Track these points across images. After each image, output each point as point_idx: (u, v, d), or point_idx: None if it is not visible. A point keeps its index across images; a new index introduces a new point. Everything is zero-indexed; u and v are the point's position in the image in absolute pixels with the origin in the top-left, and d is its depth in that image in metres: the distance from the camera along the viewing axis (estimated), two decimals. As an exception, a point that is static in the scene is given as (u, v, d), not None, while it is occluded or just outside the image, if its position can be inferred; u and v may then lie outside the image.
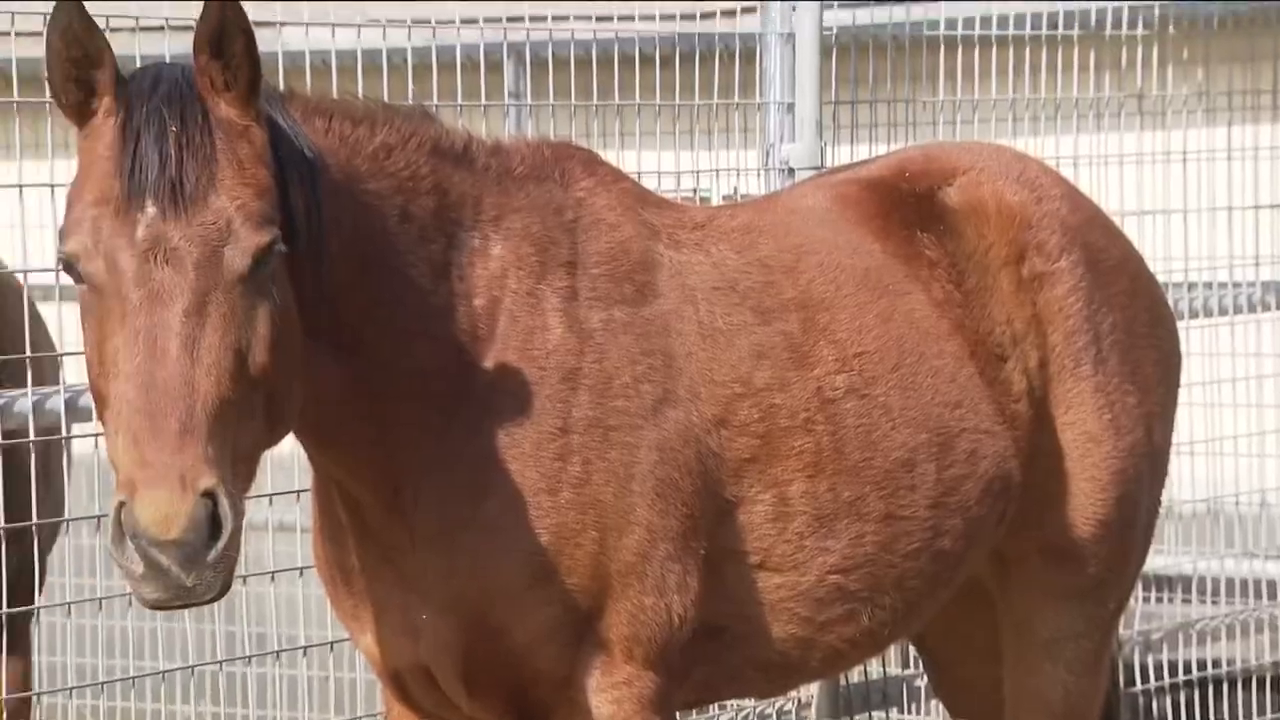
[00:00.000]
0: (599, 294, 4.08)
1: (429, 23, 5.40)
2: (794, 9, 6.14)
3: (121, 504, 3.27)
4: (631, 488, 4.00)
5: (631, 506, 4.00)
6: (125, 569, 3.29)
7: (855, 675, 6.34)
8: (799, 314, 4.35)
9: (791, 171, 6.08)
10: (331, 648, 5.48)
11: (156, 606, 3.33)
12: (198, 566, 3.27)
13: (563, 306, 4.03)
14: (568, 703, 4.02)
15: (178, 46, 4.55)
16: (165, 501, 3.24)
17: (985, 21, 6.64)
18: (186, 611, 4.73)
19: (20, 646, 4.76)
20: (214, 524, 3.28)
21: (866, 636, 4.43)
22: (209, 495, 3.28)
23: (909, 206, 4.67)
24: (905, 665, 6.68)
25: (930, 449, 4.42)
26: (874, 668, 6.47)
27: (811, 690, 6.14)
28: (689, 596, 4.07)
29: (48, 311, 5.08)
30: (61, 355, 4.94)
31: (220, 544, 3.28)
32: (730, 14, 6.34)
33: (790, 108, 6.13)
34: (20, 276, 4.92)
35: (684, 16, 5.97)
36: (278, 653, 5.61)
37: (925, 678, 6.04)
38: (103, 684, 5.19)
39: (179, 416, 3.29)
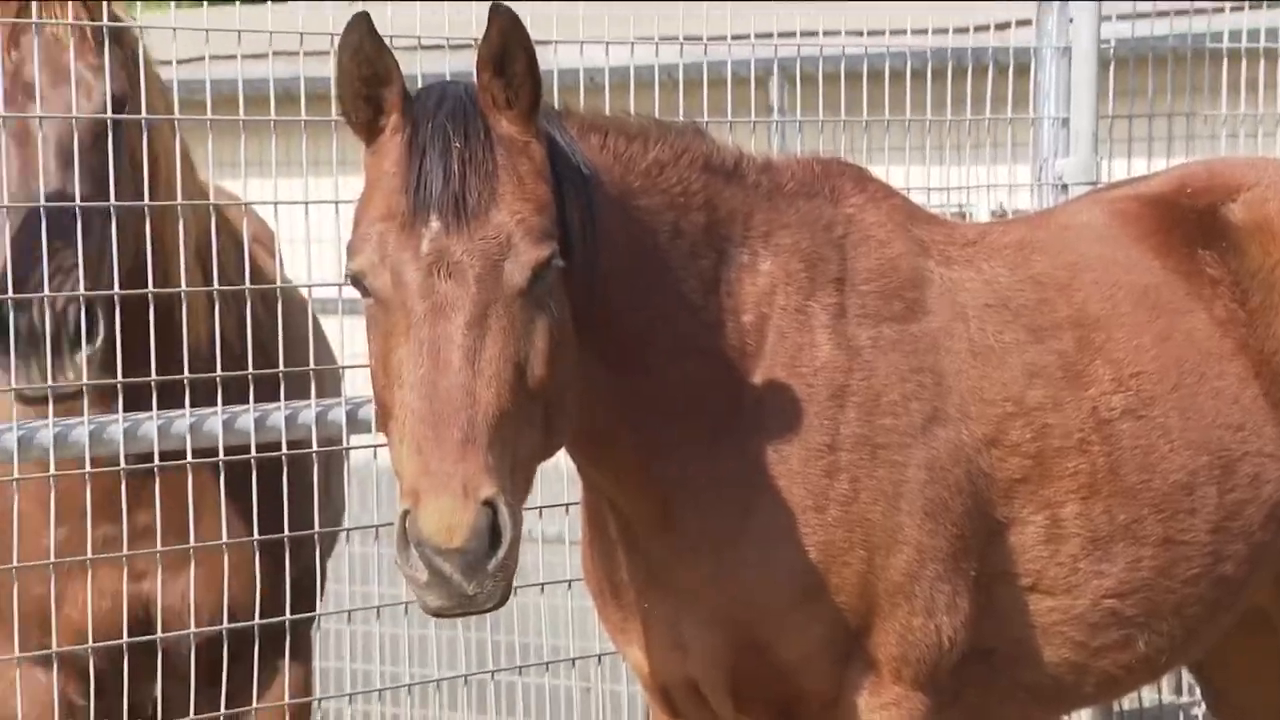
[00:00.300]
0: (868, 311, 4.06)
1: (700, 39, 5.42)
2: (1071, 22, 6.03)
3: (406, 513, 3.33)
4: (900, 506, 3.97)
5: (900, 525, 3.97)
6: (410, 576, 3.34)
7: (1128, 702, 6.21)
8: (1074, 332, 4.28)
9: (1065, 187, 5.98)
10: (600, 660, 5.51)
11: (440, 614, 3.38)
12: (479, 575, 3.31)
13: (831, 323, 4.02)
14: (835, 721, 4.01)
15: (458, 64, 4.63)
16: (448, 510, 3.29)
17: (1271, 33, 6.46)
18: (460, 620, 4.81)
19: (302, 652, 4.86)
20: (494, 533, 3.32)
21: (1143, 663, 4.35)
22: (489, 504, 3.32)
23: (1190, 223, 4.57)
24: (1179, 692, 6.53)
25: (1211, 472, 4.32)
26: (1147, 694, 6.33)
27: (1084, 716, 6.03)
28: (958, 618, 4.03)
29: (331, 325, 5.19)
30: (343, 368, 5.04)
31: (500, 553, 3.32)
32: (1003, 27, 6.26)
33: (1065, 122, 6.03)
34: (305, 291, 5.03)
35: (957, 30, 5.91)
36: (547, 664, 5.66)
37: (1202, 705, 5.90)
38: (380, 690, 5.28)
39: (461, 426, 3.34)
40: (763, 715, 4.07)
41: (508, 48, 3.51)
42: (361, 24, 3.48)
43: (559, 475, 4.95)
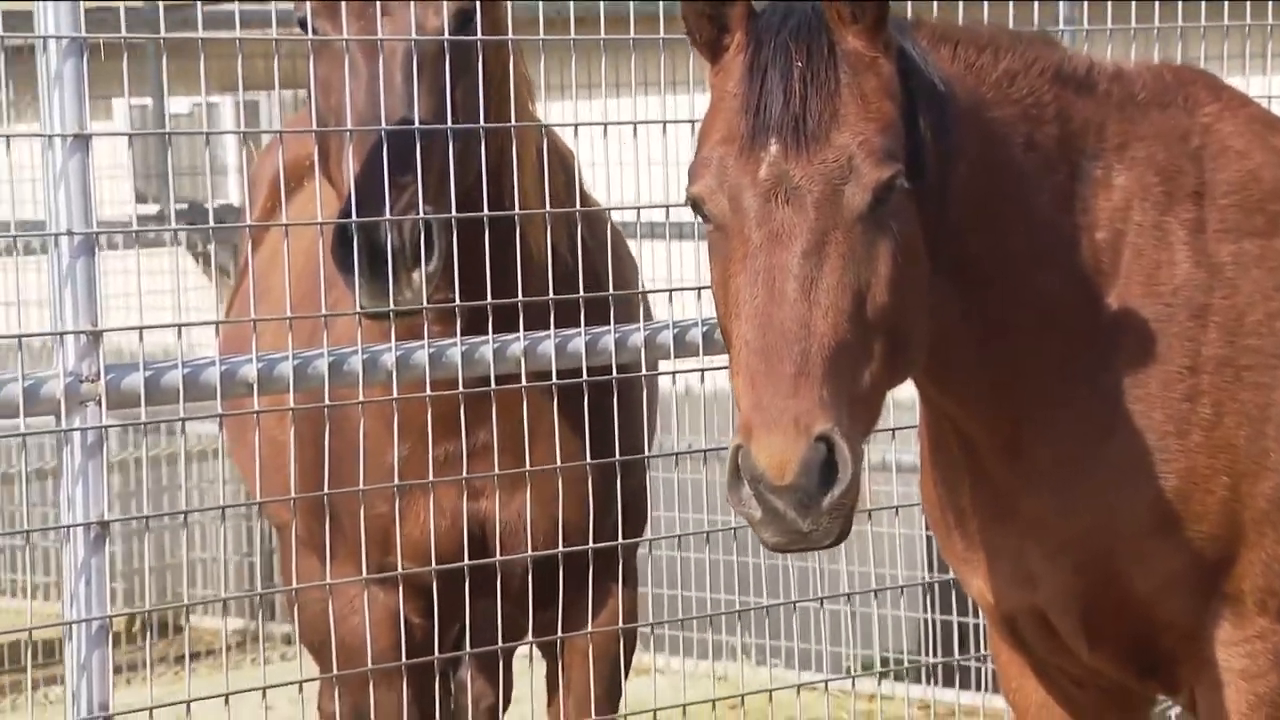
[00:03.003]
0: (1228, 226, 3.90)
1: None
2: None
3: (739, 447, 3.27)
4: (1266, 431, 3.82)
5: (1266, 451, 3.82)
6: (743, 512, 3.29)
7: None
8: None
9: None
10: (932, 588, 5.42)
11: (776, 549, 3.32)
12: (813, 512, 3.24)
13: (1190, 239, 3.88)
14: (1195, 656, 3.88)
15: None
16: (779, 447, 3.22)
17: None
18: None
19: (630, 578, 4.86)
20: (829, 469, 3.24)
21: None
22: (824, 440, 3.24)
23: None
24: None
25: None
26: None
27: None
28: (1332, 547, 3.86)
29: (659, 249, 5.16)
30: (670, 291, 5.01)
31: (837, 490, 3.24)
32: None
33: None
34: (632, 215, 5.03)
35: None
36: (874, 591, 5.59)
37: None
38: (710, 616, 5.26)
39: (795, 359, 3.27)
40: (1117, 648, 3.95)
41: None
42: None
43: (887, 400, 4.85)
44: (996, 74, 3.79)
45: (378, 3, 4.19)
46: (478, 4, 4.32)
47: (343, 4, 4.18)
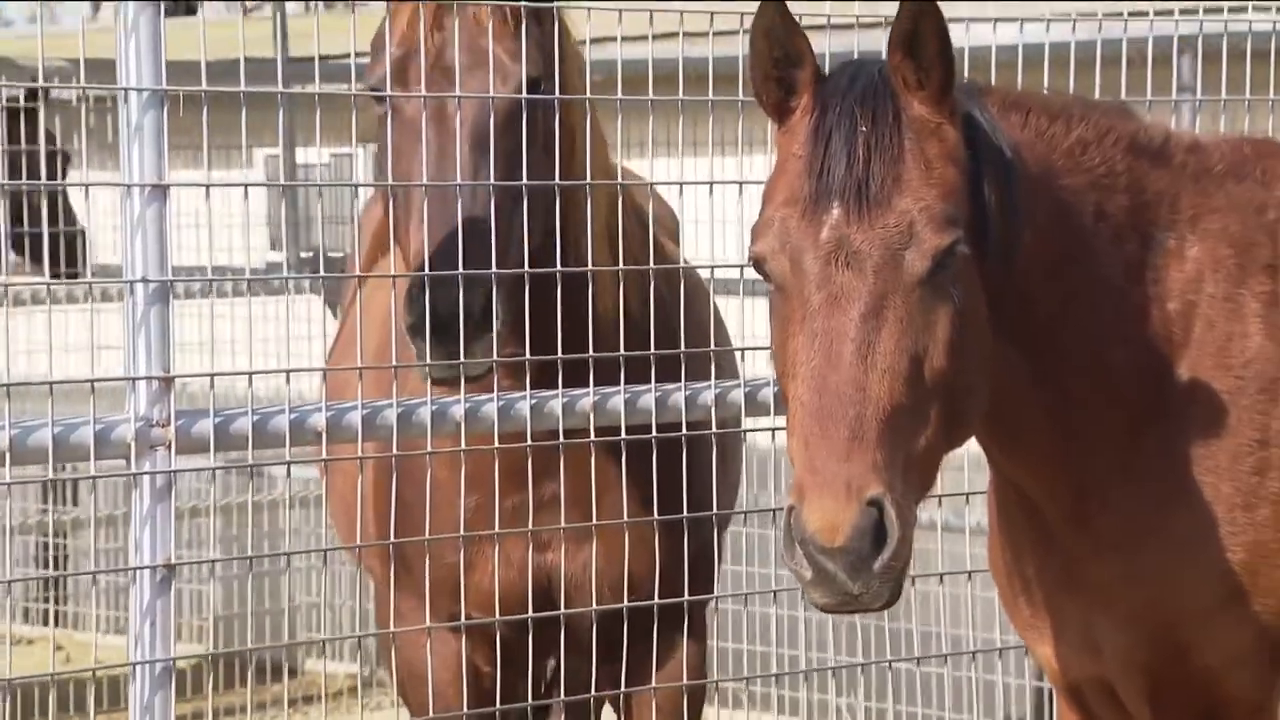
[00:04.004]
0: None
1: (1094, 16, 5.24)
2: None
3: (792, 509, 3.28)
4: None
5: None
6: (796, 573, 3.30)
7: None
8: None
9: None
10: (1000, 654, 5.38)
11: (825, 610, 3.34)
12: (864, 575, 3.25)
13: (1263, 313, 3.86)
14: (1260, 730, 3.84)
15: (867, 44, 4.55)
16: (831, 510, 3.24)
17: None
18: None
19: (697, 631, 4.87)
20: (880, 533, 3.25)
21: None
22: (875, 504, 3.25)
23: None
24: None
25: None
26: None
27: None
28: (1396, 623, 3.81)
29: (733, 306, 5.17)
30: (742, 349, 5.02)
31: (886, 553, 3.25)
32: None
33: None
34: (706, 272, 5.04)
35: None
36: (947, 655, 5.56)
37: None
38: (777, 675, 5.24)
39: (849, 423, 3.28)
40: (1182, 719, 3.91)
41: (919, 31, 3.43)
42: (774, 5, 3.43)
43: (961, 463, 4.84)
44: (1069, 142, 3.79)
45: (453, 69, 4.23)
46: (546, 69, 4.35)
47: (421, 70, 4.22)
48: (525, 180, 4.29)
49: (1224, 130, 5.04)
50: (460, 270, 4.09)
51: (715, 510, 4.82)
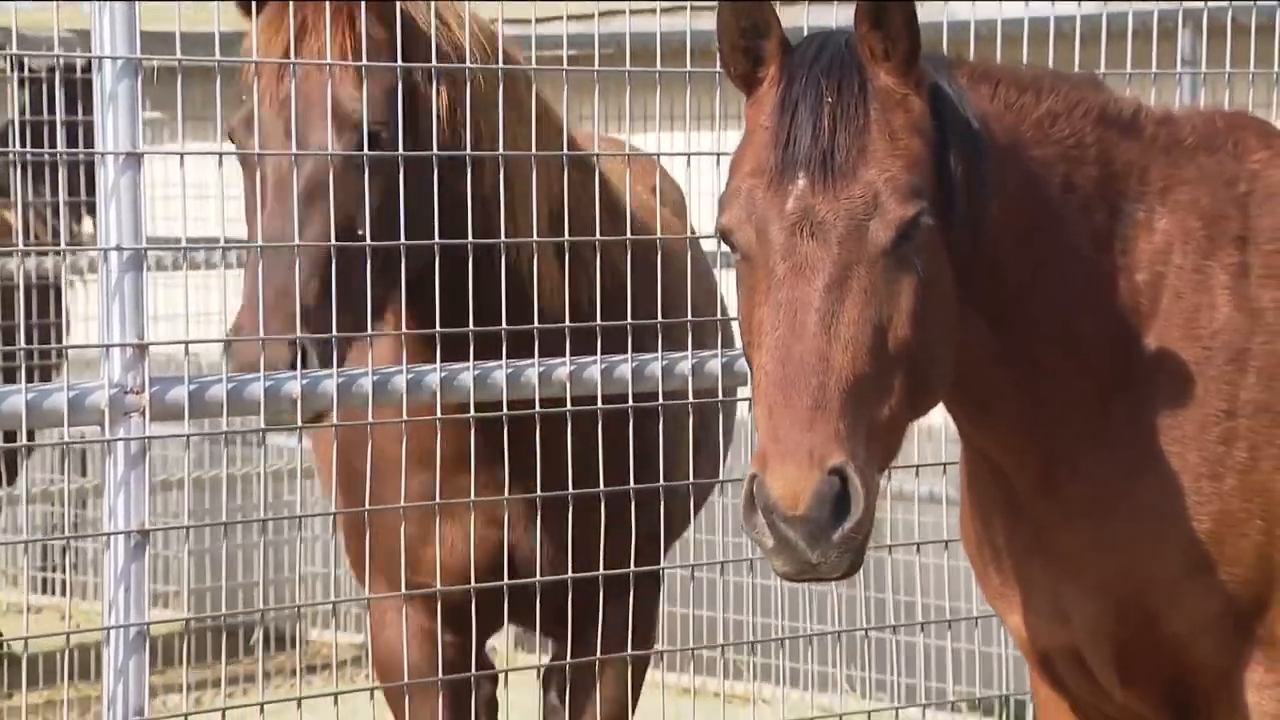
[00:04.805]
0: (1272, 272, 3.89)
1: (1098, -11, 5.26)
2: None
3: (754, 476, 3.31)
4: None
5: None
6: (756, 540, 3.33)
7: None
8: None
9: None
10: (977, 623, 5.41)
11: (786, 578, 3.36)
12: (823, 544, 3.28)
13: (1231, 284, 3.87)
14: (1227, 699, 3.86)
15: (846, 17, 4.56)
16: (793, 478, 3.26)
17: None
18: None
19: (643, 606, 4.90)
20: (842, 502, 3.28)
21: None
22: (838, 472, 3.28)
23: None
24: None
25: None
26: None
27: None
28: (1363, 592, 3.83)
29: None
30: (718, 320, 5.03)
31: (847, 524, 3.28)
32: None
33: None
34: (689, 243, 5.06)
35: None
36: (923, 624, 5.59)
37: None
38: (754, 643, 5.27)
39: (812, 392, 3.30)
40: (1149, 688, 3.94)
41: (886, 1, 3.44)
42: None
43: (940, 433, 4.87)
44: (1038, 114, 3.80)
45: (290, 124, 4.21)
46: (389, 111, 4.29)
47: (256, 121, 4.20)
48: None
49: (1228, 105, 5.05)
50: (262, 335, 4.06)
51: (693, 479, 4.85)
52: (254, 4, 4.27)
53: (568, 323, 4.55)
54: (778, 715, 5.88)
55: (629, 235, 4.74)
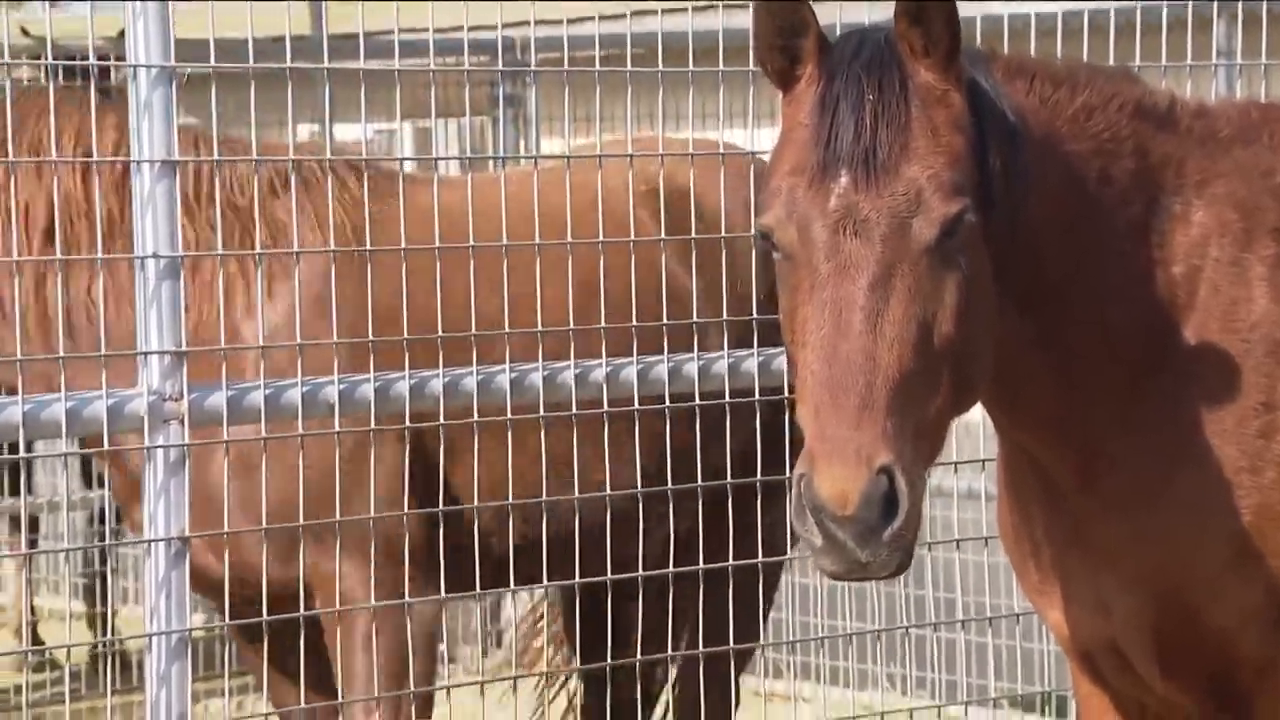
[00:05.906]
0: None
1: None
2: None
3: (802, 476, 3.31)
4: None
5: None
6: (806, 540, 3.33)
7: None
8: None
9: None
10: (1018, 620, 5.40)
11: (834, 578, 3.36)
12: (873, 543, 3.28)
13: (1269, 276, 3.85)
14: (1269, 691, 3.85)
15: (880, 14, 4.56)
16: (841, 478, 3.26)
17: None
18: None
19: None
20: (889, 501, 3.28)
21: None
22: (885, 472, 3.28)
23: None
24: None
25: None
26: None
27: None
28: (1402, 585, 3.82)
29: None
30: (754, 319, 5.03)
31: (896, 522, 3.28)
32: None
33: None
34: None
35: None
36: (963, 621, 5.58)
37: None
38: (794, 642, 5.28)
39: (859, 391, 3.30)
40: (1190, 680, 3.93)
41: None
42: None
43: (979, 429, 4.86)
44: (1073, 108, 3.79)
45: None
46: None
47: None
48: None
49: (1264, 96, 5.03)
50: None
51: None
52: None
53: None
54: (819, 714, 5.87)
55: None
